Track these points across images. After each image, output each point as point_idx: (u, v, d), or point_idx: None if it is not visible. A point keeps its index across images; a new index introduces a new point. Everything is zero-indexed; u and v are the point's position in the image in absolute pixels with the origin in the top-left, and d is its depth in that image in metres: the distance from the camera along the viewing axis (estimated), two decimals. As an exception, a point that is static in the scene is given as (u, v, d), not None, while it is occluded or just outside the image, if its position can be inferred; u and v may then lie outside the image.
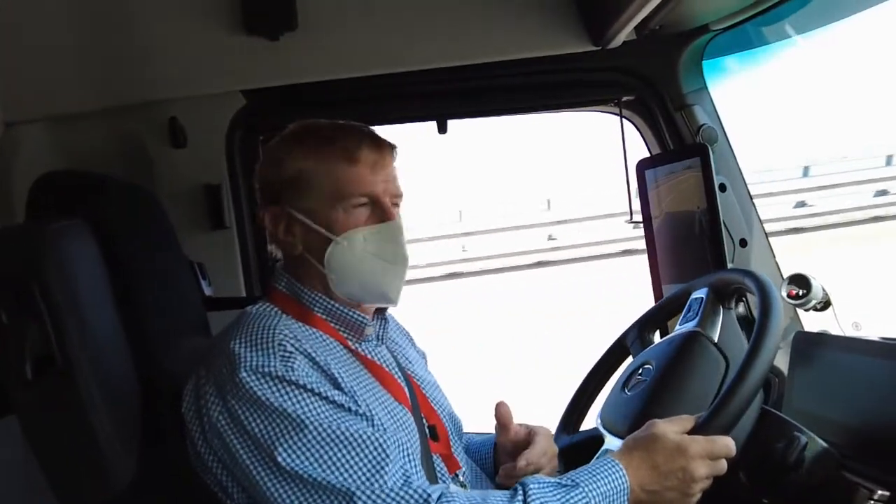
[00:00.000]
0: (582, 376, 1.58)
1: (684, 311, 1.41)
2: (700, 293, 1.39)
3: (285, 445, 1.00)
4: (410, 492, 0.99)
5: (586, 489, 1.02)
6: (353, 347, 1.21)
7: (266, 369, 1.04)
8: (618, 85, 1.86)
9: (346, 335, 1.21)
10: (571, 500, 1.01)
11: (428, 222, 10.47)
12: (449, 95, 1.88)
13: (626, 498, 1.04)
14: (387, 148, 1.21)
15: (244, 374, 1.03)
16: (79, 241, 1.09)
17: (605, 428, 1.31)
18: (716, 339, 1.31)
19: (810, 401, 1.42)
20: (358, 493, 0.98)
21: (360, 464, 1.00)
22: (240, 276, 1.85)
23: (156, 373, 1.18)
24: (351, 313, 1.21)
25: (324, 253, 1.17)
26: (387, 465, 1.01)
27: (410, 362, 1.34)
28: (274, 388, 1.03)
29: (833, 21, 1.82)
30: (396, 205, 1.22)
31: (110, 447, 1.01)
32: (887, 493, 1.17)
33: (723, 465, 1.09)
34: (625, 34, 1.65)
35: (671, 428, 1.09)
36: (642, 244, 1.90)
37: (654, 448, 1.07)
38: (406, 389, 1.24)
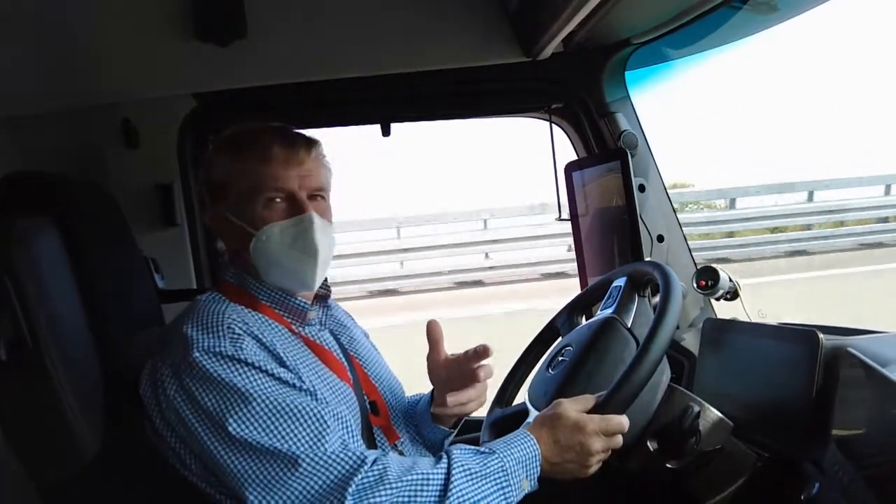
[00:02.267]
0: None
1: (605, 297, 1.52)
2: (619, 281, 1.50)
3: (235, 417, 1.09)
4: (349, 454, 1.10)
5: (502, 455, 1.15)
6: (297, 331, 1.31)
7: (217, 349, 1.14)
8: (547, 93, 1.98)
9: (290, 320, 1.31)
10: (489, 464, 1.13)
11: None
12: (391, 101, 1.97)
13: (537, 463, 1.16)
14: (300, 144, 1.29)
15: (197, 354, 1.13)
16: (45, 236, 1.17)
17: (530, 403, 1.42)
18: (629, 325, 1.42)
19: (716, 379, 1.57)
20: (302, 456, 1.08)
21: (303, 432, 1.10)
22: (191, 270, 1.92)
23: (115, 357, 1.26)
24: (293, 300, 1.31)
25: (248, 247, 1.27)
26: (326, 433, 1.11)
27: (354, 342, 1.45)
28: (224, 366, 1.12)
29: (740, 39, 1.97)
30: (317, 198, 1.30)
31: (76, 422, 1.09)
32: (768, 456, 1.34)
33: (618, 441, 1.20)
34: (553, 47, 1.74)
35: (573, 407, 1.20)
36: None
37: (556, 425, 1.19)
38: (348, 369, 1.34)
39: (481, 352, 1.38)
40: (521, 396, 1.52)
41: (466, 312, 7.91)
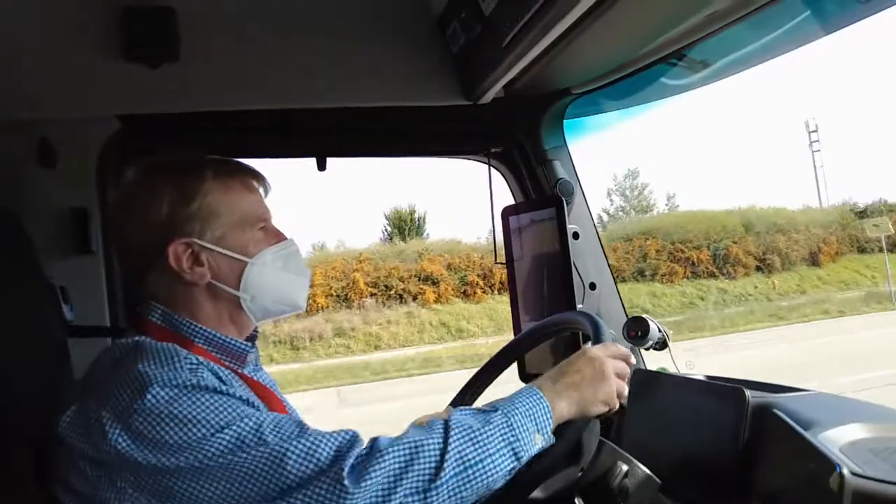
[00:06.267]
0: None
1: None
2: None
3: (211, 439, 1.00)
4: (337, 434, 1.04)
5: (505, 410, 1.11)
6: (236, 370, 1.24)
7: (177, 381, 1.04)
8: (487, 137, 1.98)
9: (228, 363, 1.24)
10: (492, 420, 1.09)
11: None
12: (327, 135, 1.92)
13: (548, 413, 1.14)
14: (262, 176, 1.33)
15: (157, 390, 1.02)
16: None
17: None
18: None
19: (644, 432, 1.56)
20: (291, 449, 1.00)
21: (286, 429, 1.03)
22: (104, 303, 1.79)
23: (8, 405, 1.14)
24: (232, 342, 1.24)
25: (236, 277, 1.23)
26: (306, 426, 1.05)
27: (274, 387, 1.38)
28: (191, 397, 1.03)
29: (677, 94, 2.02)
30: None
31: None
32: None
33: (626, 369, 1.25)
34: (494, 91, 1.76)
35: None
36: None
37: (558, 368, 1.22)
38: (289, 409, 1.30)
39: None
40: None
41: None
